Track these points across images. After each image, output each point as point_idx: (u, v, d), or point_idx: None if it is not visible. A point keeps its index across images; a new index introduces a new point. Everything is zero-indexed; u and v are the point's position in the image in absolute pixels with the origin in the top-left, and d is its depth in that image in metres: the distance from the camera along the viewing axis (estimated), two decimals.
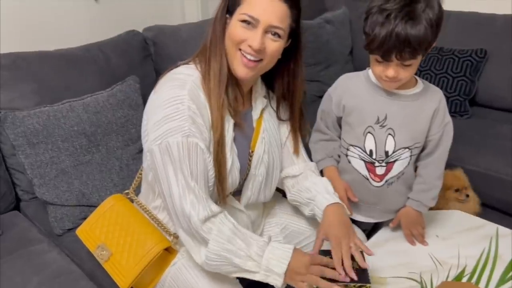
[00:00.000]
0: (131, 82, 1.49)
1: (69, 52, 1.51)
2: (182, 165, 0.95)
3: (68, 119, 1.33)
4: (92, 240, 1.13)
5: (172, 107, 0.96)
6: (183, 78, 1.01)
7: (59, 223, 1.34)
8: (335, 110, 1.24)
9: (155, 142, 0.97)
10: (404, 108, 1.16)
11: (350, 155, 1.24)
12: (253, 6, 0.96)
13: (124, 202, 1.17)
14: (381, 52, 1.03)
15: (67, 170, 1.33)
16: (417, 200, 1.22)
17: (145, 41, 1.74)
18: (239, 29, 0.98)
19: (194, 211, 0.94)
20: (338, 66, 2.31)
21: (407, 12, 0.99)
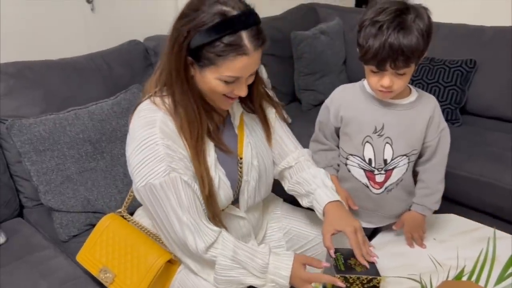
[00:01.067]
0: (134, 90, 1.52)
1: (73, 61, 1.54)
2: (170, 202, 0.97)
3: (74, 127, 1.35)
4: (94, 264, 1.13)
5: (146, 149, 0.97)
6: (150, 116, 0.99)
7: (65, 229, 1.35)
8: (333, 121, 1.27)
9: (140, 184, 0.98)
10: (400, 117, 1.20)
11: (350, 164, 1.27)
12: (234, 69, 0.93)
13: (119, 221, 1.17)
14: (376, 62, 1.07)
15: (73, 177, 1.35)
16: (422, 204, 1.26)
17: (146, 50, 1.78)
18: (221, 86, 0.96)
19: (193, 244, 0.98)
20: (333, 76, 2.36)
21: (398, 22, 1.03)
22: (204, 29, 0.90)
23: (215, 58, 0.92)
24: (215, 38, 0.90)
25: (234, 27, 0.90)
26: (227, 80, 0.95)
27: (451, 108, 2.08)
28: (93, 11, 1.97)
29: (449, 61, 2.11)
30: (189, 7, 0.93)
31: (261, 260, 1.02)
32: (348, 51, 2.45)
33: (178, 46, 0.93)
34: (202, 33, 0.90)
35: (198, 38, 0.90)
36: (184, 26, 0.91)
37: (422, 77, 2.13)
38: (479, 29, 2.17)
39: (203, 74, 0.96)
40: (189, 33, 0.91)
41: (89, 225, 1.37)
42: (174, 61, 0.95)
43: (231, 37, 0.90)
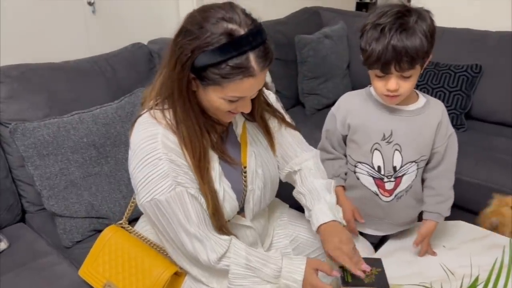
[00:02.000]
0: (139, 94, 1.49)
1: (77, 64, 1.52)
2: (178, 217, 0.95)
3: (78, 131, 1.33)
4: (98, 279, 1.10)
5: (149, 165, 0.94)
6: (151, 130, 0.96)
7: (68, 235, 1.33)
8: (340, 129, 1.25)
9: (145, 199, 0.96)
10: (408, 123, 1.18)
11: (358, 172, 1.25)
12: (238, 91, 0.90)
13: (121, 232, 1.15)
14: (380, 66, 1.05)
15: (76, 182, 1.33)
16: (436, 212, 1.23)
17: (150, 53, 1.76)
18: (224, 104, 0.93)
19: (205, 257, 0.96)
20: (336, 80, 2.35)
21: (400, 24, 1.02)
22: (210, 50, 0.84)
23: (220, 80, 0.87)
24: (221, 60, 0.85)
25: (241, 49, 0.85)
26: (231, 99, 0.92)
27: (456, 113, 2.07)
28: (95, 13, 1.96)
29: (454, 66, 2.10)
30: (192, 23, 0.87)
31: (275, 265, 1.00)
32: (352, 55, 2.44)
33: (180, 65, 0.88)
34: (207, 54, 0.85)
35: (203, 59, 0.85)
36: (188, 44, 0.86)
37: (427, 82, 2.12)
38: (483, 34, 2.17)
39: (206, 92, 0.92)
40: (193, 52, 0.85)
41: (93, 231, 1.35)
42: (176, 79, 0.90)
43: (237, 59, 0.85)
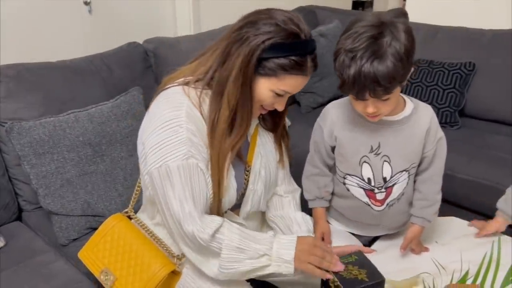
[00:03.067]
0: (134, 93, 1.51)
1: (73, 63, 1.53)
2: (184, 187, 0.96)
3: (74, 129, 1.34)
4: (96, 264, 1.11)
5: (170, 129, 0.96)
6: (178, 99, 1.00)
7: (64, 233, 1.34)
8: (328, 140, 1.22)
9: (154, 165, 0.97)
10: (396, 133, 1.16)
11: (348, 183, 1.24)
12: (289, 85, 0.99)
13: (125, 222, 1.15)
14: (355, 92, 1.02)
15: (72, 180, 1.34)
16: (421, 216, 1.23)
17: (145, 52, 1.77)
18: (270, 98, 1.01)
19: (199, 231, 0.96)
20: (332, 79, 2.36)
21: (373, 51, 0.97)
22: (281, 43, 0.94)
23: (279, 72, 0.96)
24: (287, 54, 0.95)
25: (304, 50, 0.97)
26: (279, 93, 1.00)
27: (450, 111, 2.09)
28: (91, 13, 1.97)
29: (448, 64, 2.12)
30: (263, 19, 0.96)
31: (267, 237, 1.02)
32: None
33: (250, 52, 0.95)
34: (276, 47, 0.94)
35: (273, 49, 0.95)
36: (261, 35, 0.94)
37: (421, 80, 2.13)
38: (478, 32, 2.18)
39: (257, 81, 0.99)
40: (263, 43, 0.94)
41: (89, 229, 1.36)
42: (241, 65, 0.96)
43: (299, 58, 0.96)
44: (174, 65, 1.75)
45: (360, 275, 1.00)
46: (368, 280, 0.98)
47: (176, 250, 1.12)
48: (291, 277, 1.21)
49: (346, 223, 1.34)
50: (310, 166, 1.30)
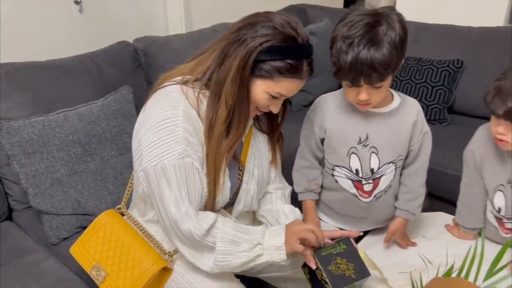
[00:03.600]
0: (124, 92, 1.51)
1: (62, 63, 1.53)
2: (179, 186, 0.97)
3: (63, 129, 1.34)
4: (87, 260, 1.12)
5: (166, 128, 0.97)
6: (175, 98, 1.01)
7: (55, 232, 1.34)
8: (317, 132, 1.25)
9: (150, 163, 0.98)
10: (384, 125, 1.18)
11: (337, 175, 1.26)
12: (285, 88, 1.01)
13: (118, 219, 1.15)
14: (350, 79, 1.05)
15: (62, 179, 1.34)
16: (406, 209, 1.25)
17: (136, 51, 1.77)
18: (266, 100, 1.02)
19: (195, 228, 0.97)
20: (323, 76, 2.38)
21: (369, 38, 1.00)
22: (278, 46, 0.96)
23: (275, 74, 0.98)
24: (284, 57, 0.97)
25: (300, 54, 0.98)
26: (274, 95, 1.01)
27: (439, 108, 2.11)
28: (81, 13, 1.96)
29: (437, 61, 2.14)
30: (261, 21, 0.98)
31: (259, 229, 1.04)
32: None
33: (247, 54, 0.96)
34: (273, 50, 0.96)
35: (269, 52, 0.96)
36: (259, 37, 0.96)
37: (410, 77, 2.15)
38: (466, 30, 2.21)
39: (253, 83, 1.00)
40: (261, 45, 0.95)
41: (80, 228, 1.37)
42: (238, 67, 0.97)
43: (295, 61, 0.98)
44: (164, 64, 1.78)
45: (348, 271, 1.02)
46: (355, 278, 1.01)
47: (168, 246, 1.13)
48: (282, 273, 1.23)
49: (335, 218, 1.36)
50: (300, 159, 1.32)
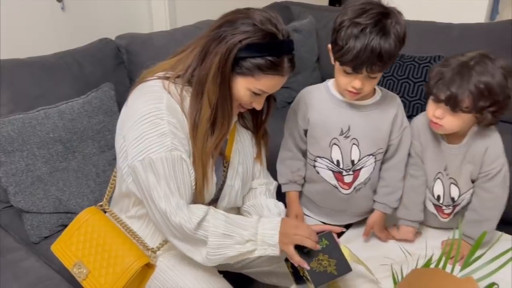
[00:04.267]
0: (106, 89, 1.50)
1: (43, 60, 1.51)
2: (167, 179, 0.97)
3: (44, 126, 1.33)
4: (69, 257, 1.11)
5: (150, 122, 0.97)
6: (158, 92, 1.01)
7: (36, 230, 1.33)
8: (301, 123, 1.26)
9: (137, 158, 0.97)
10: (365, 117, 1.21)
11: (318, 166, 1.27)
12: (266, 85, 1.01)
13: (99, 215, 1.14)
14: (354, 65, 1.06)
15: (43, 177, 1.33)
16: (384, 203, 1.28)
17: (118, 49, 1.76)
18: (248, 97, 1.03)
19: (186, 221, 0.97)
20: (306, 73, 2.39)
21: (381, 27, 1.02)
22: (257, 43, 0.96)
23: (256, 71, 0.98)
24: (264, 54, 0.97)
25: (281, 51, 0.99)
26: (256, 92, 1.02)
27: (421, 104, 2.13)
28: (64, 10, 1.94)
29: (419, 58, 2.16)
30: (241, 18, 0.98)
31: (252, 222, 1.03)
32: (321, 48, 2.48)
33: (226, 50, 0.96)
34: (252, 47, 0.96)
35: (249, 49, 0.96)
36: (239, 34, 0.96)
37: (393, 74, 2.18)
38: (447, 26, 2.23)
39: (235, 80, 1.01)
40: (240, 42, 0.96)
41: (61, 226, 1.36)
42: (218, 64, 0.97)
43: (276, 58, 0.98)
44: (147, 61, 1.75)
45: (330, 267, 1.03)
46: (336, 274, 1.02)
47: (151, 243, 1.12)
48: (265, 268, 1.24)
49: (316, 211, 1.37)
50: (284, 150, 1.33)
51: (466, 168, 1.21)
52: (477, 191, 1.22)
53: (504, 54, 1.99)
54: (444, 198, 1.26)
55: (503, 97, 1.09)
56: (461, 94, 1.08)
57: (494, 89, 1.08)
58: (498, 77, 1.08)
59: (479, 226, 1.19)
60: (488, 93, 1.08)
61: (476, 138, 1.19)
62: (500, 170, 1.18)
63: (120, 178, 1.10)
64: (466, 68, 1.09)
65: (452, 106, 1.10)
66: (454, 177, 1.23)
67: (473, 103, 1.09)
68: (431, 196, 1.28)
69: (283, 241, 1.01)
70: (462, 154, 1.20)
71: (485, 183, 1.20)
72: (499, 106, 1.10)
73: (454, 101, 1.09)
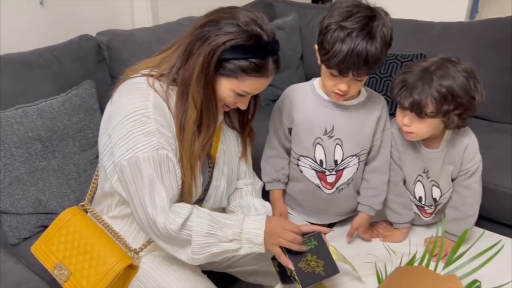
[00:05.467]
0: (86, 86, 1.47)
1: (21, 57, 1.47)
2: (153, 179, 0.95)
3: (22, 125, 1.30)
4: (49, 259, 1.08)
5: (137, 120, 0.95)
6: (144, 89, 0.99)
7: (14, 232, 1.30)
8: (285, 121, 1.26)
9: (124, 157, 0.95)
10: (350, 118, 1.21)
11: (301, 165, 1.27)
12: (250, 87, 1.00)
13: (81, 216, 1.12)
14: (340, 68, 1.06)
15: (22, 178, 1.30)
16: (368, 205, 1.28)
17: (99, 45, 1.73)
18: (232, 98, 1.02)
19: (170, 222, 0.95)
20: (290, 71, 2.39)
21: (367, 32, 1.02)
22: (241, 45, 0.95)
23: (240, 73, 0.97)
24: (248, 56, 0.96)
25: (265, 52, 0.98)
26: (240, 93, 1.01)
27: None
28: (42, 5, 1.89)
29: (401, 56, 2.18)
30: (226, 18, 0.97)
31: (237, 221, 1.01)
32: (305, 46, 2.48)
33: (210, 53, 0.95)
34: (238, 48, 0.95)
35: (233, 51, 0.95)
36: (223, 35, 0.95)
37: (376, 72, 2.19)
38: (428, 25, 2.25)
39: (219, 81, 0.99)
40: (224, 44, 0.95)
41: (41, 227, 1.33)
42: (201, 65, 0.96)
43: (260, 60, 0.97)
44: (129, 58, 1.74)
45: (318, 268, 1.03)
46: (324, 275, 1.02)
47: (134, 243, 1.11)
48: (251, 267, 1.23)
49: (298, 210, 1.38)
50: (269, 148, 1.33)
51: (446, 169, 1.22)
52: (457, 188, 1.24)
53: (483, 52, 2.05)
54: (426, 199, 1.27)
55: (467, 99, 1.09)
56: (424, 99, 1.08)
57: (456, 92, 1.08)
58: (460, 80, 1.08)
59: (462, 223, 1.21)
60: (451, 96, 1.08)
61: (453, 139, 1.20)
62: (478, 166, 1.20)
63: (103, 177, 1.08)
64: (428, 73, 1.10)
65: (417, 112, 1.11)
66: (435, 179, 1.24)
67: (437, 108, 1.09)
68: (413, 198, 1.29)
69: (269, 241, 1.00)
70: (442, 157, 1.21)
71: (465, 180, 1.22)
72: (464, 108, 1.10)
73: (418, 107, 1.10)
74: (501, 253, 0.97)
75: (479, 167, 1.21)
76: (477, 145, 1.21)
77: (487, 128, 1.95)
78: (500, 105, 2.03)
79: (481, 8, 2.72)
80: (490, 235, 1.28)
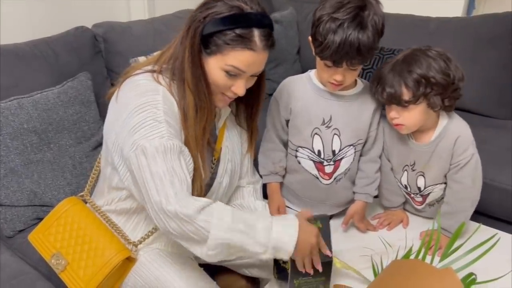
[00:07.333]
0: (82, 78, 1.46)
1: (16, 48, 1.45)
2: (165, 168, 0.90)
3: (17, 117, 1.29)
4: (47, 248, 1.07)
5: (145, 112, 0.93)
6: (153, 85, 0.98)
7: (9, 224, 1.29)
8: (283, 113, 1.26)
9: (131, 150, 0.92)
10: (347, 108, 1.22)
11: (300, 156, 1.28)
12: (240, 61, 0.95)
13: (80, 206, 1.11)
14: (333, 59, 1.07)
15: (17, 169, 1.29)
16: (365, 192, 1.30)
17: (95, 37, 1.71)
18: (223, 78, 0.98)
19: (183, 207, 0.88)
20: (287, 65, 2.38)
21: (359, 22, 1.03)
22: (220, 18, 0.93)
23: (223, 46, 0.94)
24: (228, 28, 0.93)
25: (248, 22, 0.94)
26: (229, 71, 0.96)
27: None
28: None
29: (398, 51, 2.17)
30: None
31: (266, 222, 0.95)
32: (302, 40, 2.47)
33: (193, 30, 0.95)
34: (217, 21, 0.93)
35: (213, 25, 0.94)
36: (201, 12, 0.95)
37: (373, 66, 2.18)
38: (425, 20, 2.25)
39: (208, 63, 0.98)
40: (204, 19, 0.94)
41: (37, 219, 1.32)
42: (188, 45, 0.96)
43: (243, 30, 0.93)
44: (125, 50, 1.73)
45: None
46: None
47: (132, 236, 1.10)
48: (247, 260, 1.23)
49: (296, 202, 1.38)
50: (266, 141, 1.33)
51: (435, 162, 1.23)
52: (449, 183, 1.25)
53: (480, 47, 2.05)
54: (411, 187, 1.31)
55: (441, 77, 1.11)
56: (398, 89, 1.12)
57: (428, 73, 1.10)
58: (429, 61, 1.11)
59: (453, 218, 1.22)
60: (424, 79, 1.10)
61: (445, 133, 1.21)
62: (469, 160, 1.20)
63: (111, 172, 1.06)
64: (397, 64, 1.14)
65: (396, 103, 1.14)
66: (422, 170, 1.26)
67: (413, 93, 1.11)
68: (400, 185, 1.33)
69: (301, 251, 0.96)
70: (431, 151, 1.22)
71: (456, 173, 1.22)
72: (443, 88, 1.12)
73: (395, 97, 1.13)
74: (496, 246, 0.97)
75: (470, 161, 1.20)
76: (470, 139, 1.20)
77: (484, 123, 1.96)
78: (497, 101, 2.04)
79: (477, 4, 2.73)
80: (486, 229, 1.29)
